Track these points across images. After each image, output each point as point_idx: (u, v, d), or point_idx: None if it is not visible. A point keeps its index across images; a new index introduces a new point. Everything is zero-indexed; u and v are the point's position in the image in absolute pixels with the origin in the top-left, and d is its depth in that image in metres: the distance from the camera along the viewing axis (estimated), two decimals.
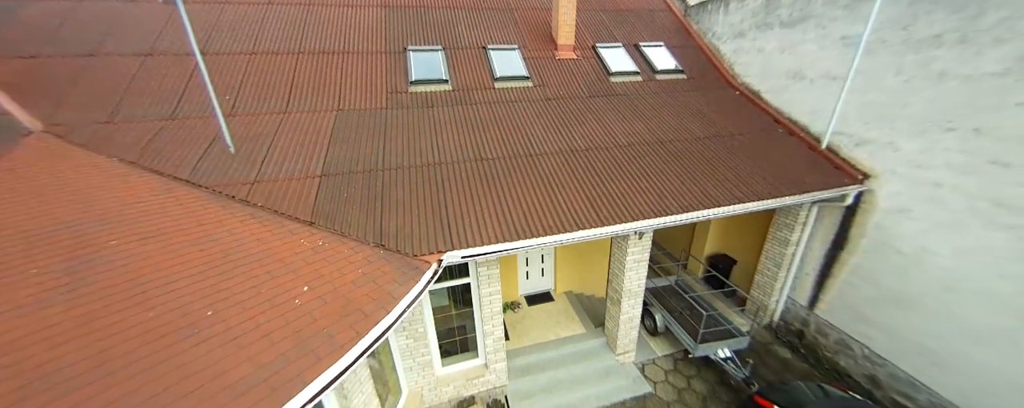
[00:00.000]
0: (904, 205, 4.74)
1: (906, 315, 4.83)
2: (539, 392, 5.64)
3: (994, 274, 3.97)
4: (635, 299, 5.57)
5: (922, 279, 4.62)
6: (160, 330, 2.36)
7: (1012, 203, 3.75)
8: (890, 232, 4.91)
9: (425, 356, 4.85)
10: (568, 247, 7.32)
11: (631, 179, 5.00)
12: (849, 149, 5.34)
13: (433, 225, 4.13)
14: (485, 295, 4.75)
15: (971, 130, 4.02)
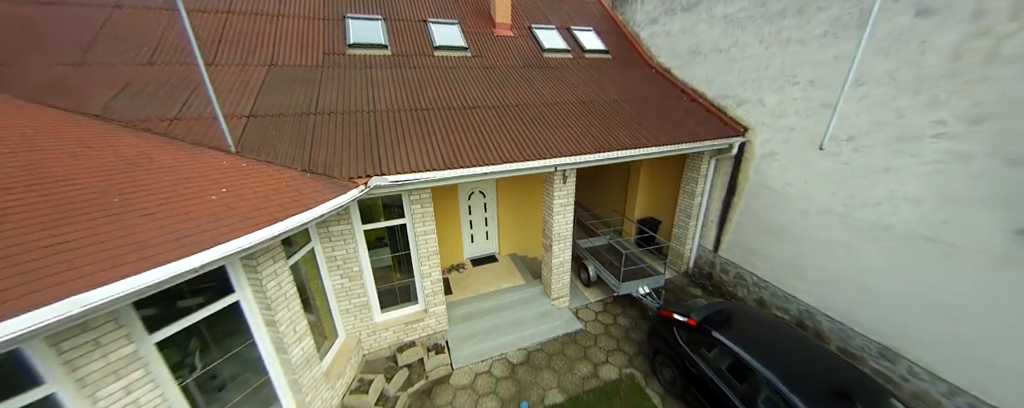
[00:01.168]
0: (772, 150, 5.79)
1: (779, 242, 5.85)
2: (479, 335, 5.93)
3: (828, 195, 5.03)
4: (565, 243, 6.11)
5: (786, 209, 5.66)
6: (67, 207, 2.34)
7: (835, 135, 4.83)
8: (764, 174, 5.94)
9: (361, 297, 4.95)
10: (511, 209, 7.77)
11: (554, 129, 5.57)
12: (733, 109, 6.39)
13: (363, 156, 4.35)
14: (420, 234, 4.99)
15: (808, 82, 5.11)
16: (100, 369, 2.30)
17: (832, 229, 5.05)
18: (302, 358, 3.76)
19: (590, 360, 5.53)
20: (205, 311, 2.98)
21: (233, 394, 3.35)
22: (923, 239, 4.08)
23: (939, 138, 3.85)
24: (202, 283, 3.01)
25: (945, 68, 3.74)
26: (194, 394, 3.03)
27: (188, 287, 2.90)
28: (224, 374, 3.30)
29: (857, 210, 4.68)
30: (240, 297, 3.24)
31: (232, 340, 3.30)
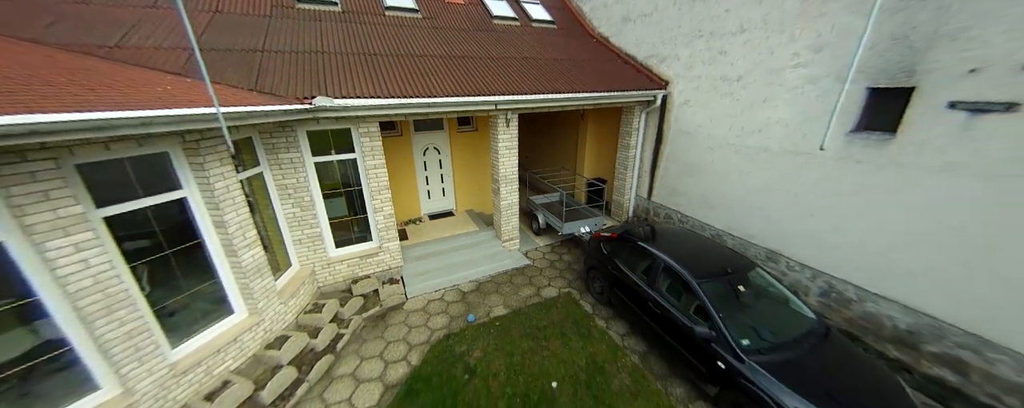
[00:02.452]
0: (687, 98, 6.66)
1: (693, 179, 6.74)
2: (433, 271, 6.33)
3: (726, 130, 5.94)
4: (511, 186, 6.65)
5: (698, 148, 6.54)
6: None
7: (727, 76, 5.73)
8: (681, 120, 6.81)
9: (314, 228, 5.20)
10: (465, 167, 8.23)
11: (496, 76, 6.09)
12: (657, 66, 7.24)
13: (310, 83, 4.64)
14: (370, 168, 5.31)
15: (709, 34, 5.99)
16: (49, 221, 2.50)
17: (729, 159, 5.96)
18: (253, 265, 4.00)
19: (534, 285, 6.10)
20: (151, 200, 3.19)
21: (183, 289, 3.55)
22: (790, 153, 5.01)
23: (796, 67, 4.77)
24: (150, 177, 3.22)
25: (798, 8, 4.66)
26: (144, 281, 3.23)
27: (136, 177, 3.11)
28: (175, 271, 3.49)
29: (746, 138, 5.59)
30: (187, 194, 3.45)
31: (181, 236, 3.50)
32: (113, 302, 2.86)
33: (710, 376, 3.52)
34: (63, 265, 2.60)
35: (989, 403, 3.56)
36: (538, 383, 4.04)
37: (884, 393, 3.07)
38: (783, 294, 4.07)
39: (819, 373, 3.18)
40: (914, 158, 3.80)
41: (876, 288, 4.33)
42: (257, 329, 4.11)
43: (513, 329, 4.99)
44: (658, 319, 4.20)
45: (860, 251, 4.43)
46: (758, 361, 3.23)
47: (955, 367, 3.78)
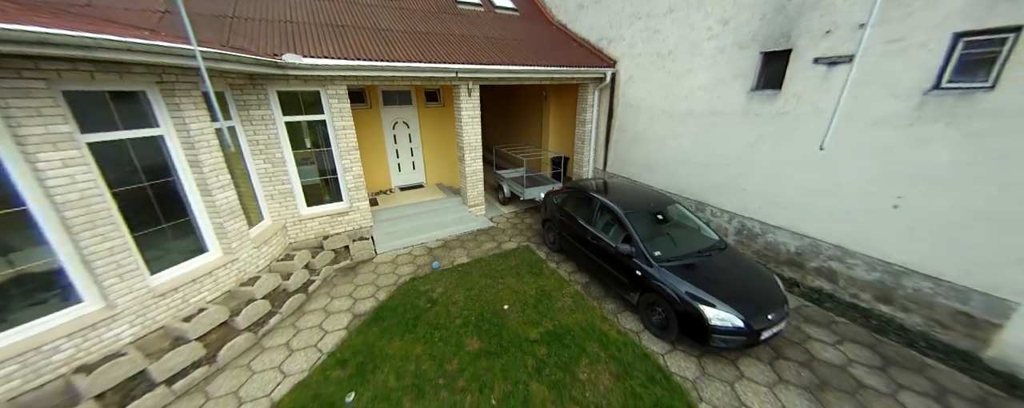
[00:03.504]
0: (631, 75, 7.45)
1: (638, 147, 7.54)
2: (401, 232, 6.77)
3: (661, 99, 6.75)
4: (475, 153, 7.20)
5: (641, 119, 7.34)
6: None
7: (660, 52, 6.54)
8: (628, 95, 7.61)
9: (285, 184, 5.53)
10: (434, 142, 8.70)
11: (458, 50, 6.63)
12: (606, 47, 8.02)
13: (280, 43, 5.03)
14: (339, 129, 5.71)
15: (646, 15, 6.80)
16: (40, 136, 2.82)
17: (665, 125, 6.78)
18: (227, 206, 4.33)
19: (496, 241, 6.67)
20: (130, 133, 3.50)
21: (161, 222, 3.84)
22: (709, 114, 5.85)
23: (711, 39, 5.61)
24: (130, 113, 3.52)
25: None
26: (124, 210, 3.52)
27: (118, 111, 3.42)
28: (154, 205, 3.78)
29: (677, 105, 6.41)
30: (164, 133, 3.77)
31: (158, 173, 3.80)
32: (96, 218, 3.18)
33: (632, 285, 4.21)
34: (52, 177, 2.91)
35: (851, 301, 4.44)
36: (491, 307, 4.59)
37: (759, 282, 3.85)
38: (695, 223, 4.84)
39: (709, 271, 3.92)
40: (794, 107, 4.67)
41: (773, 221, 5.19)
42: (231, 267, 4.44)
43: (474, 272, 5.53)
44: (596, 250, 4.87)
45: (760, 192, 5.29)
46: (664, 265, 3.95)
47: (828, 276, 4.65)
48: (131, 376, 3.29)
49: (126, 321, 3.46)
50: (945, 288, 3.67)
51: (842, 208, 4.39)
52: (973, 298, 3.50)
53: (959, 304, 3.60)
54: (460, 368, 3.59)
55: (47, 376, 3.02)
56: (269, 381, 3.51)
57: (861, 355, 3.69)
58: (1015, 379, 3.29)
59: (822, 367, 3.56)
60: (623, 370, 3.50)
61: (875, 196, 4.07)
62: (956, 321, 3.64)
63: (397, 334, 4.13)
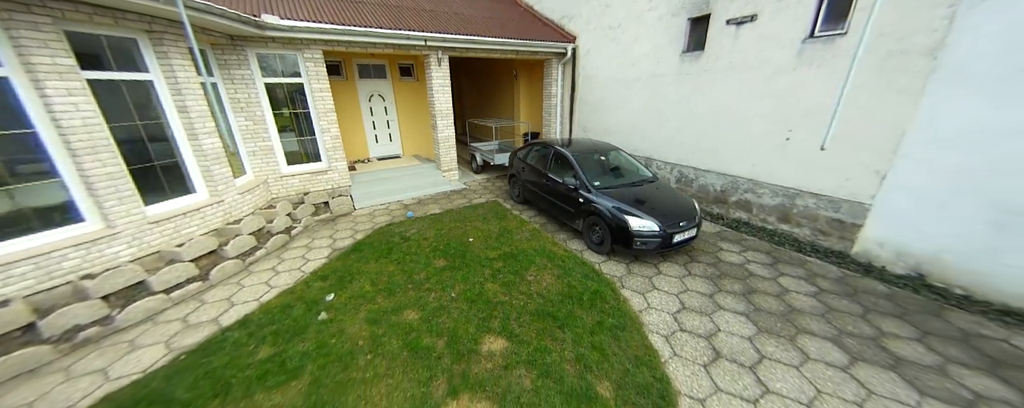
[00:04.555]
0: (589, 48, 8.17)
1: (598, 114, 8.27)
2: (378, 192, 7.28)
3: (614, 68, 7.50)
4: (447, 120, 7.76)
5: (598, 88, 8.08)
6: None
7: (611, 25, 7.27)
8: (587, 67, 8.32)
9: (265, 141, 5.95)
10: (410, 115, 9.19)
11: (427, 22, 7.16)
12: (568, 24, 8.72)
13: (257, 6, 5.45)
14: (316, 91, 6.17)
15: None
16: (48, 65, 3.23)
17: (618, 92, 7.53)
18: (213, 151, 4.76)
19: (467, 198, 7.27)
20: (123, 74, 3.92)
21: (152, 160, 4.25)
22: (652, 77, 6.61)
23: (650, 10, 6.37)
24: (123, 58, 3.92)
25: None
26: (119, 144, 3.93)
27: (113, 56, 3.82)
28: (145, 144, 4.19)
29: (626, 72, 7.16)
30: (153, 78, 4.19)
31: (149, 113, 4.21)
32: (97, 144, 3.59)
33: (577, 212, 4.92)
34: (58, 103, 3.32)
35: (761, 225, 5.27)
36: (458, 240, 5.19)
37: (677, 203, 4.61)
38: (632, 165, 5.59)
39: (637, 195, 4.67)
40: (713, 64, 5.46)
41: (704, 166, 6.00)
42: (218, 208, 4.86)
43: (445, 219, 6.11)
44: (551, 191, 5.55)
45: (693, 143, 6.09)
46: (601, 192, 4.66)
47: (744, 207, 5.48)
48: (132, 284, 3.73)
49: (124, 241, 3.88)
50: (824, 201, 4.51)
51: (752, 148, 5.21)
52: (842, 206, 4.34)
53: (834, 213, 4.44)
54: (427, 277, 4.18)
55: (57, 280, 3.44)
56: (258, 291, 4.01)
57: (758, 258, 4.49)
58: (871, 266, 4.14)
59: (724, 265, 4.34)
60: (564, 273, 4.17)
61: (773, 133, 4.89)
62: (832, 227, 4.48)
63: (372, 259, 4.68)
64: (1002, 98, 3.15)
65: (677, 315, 3.44)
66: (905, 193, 3.83)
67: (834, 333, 3.13)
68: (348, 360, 2.91)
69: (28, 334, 3.13)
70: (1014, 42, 3.04)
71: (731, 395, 2.53)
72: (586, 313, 3.43)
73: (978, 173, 3.34)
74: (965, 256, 3.50)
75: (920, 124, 3.62)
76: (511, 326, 3.26)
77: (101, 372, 2.89)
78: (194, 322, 3.52)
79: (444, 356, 2.92)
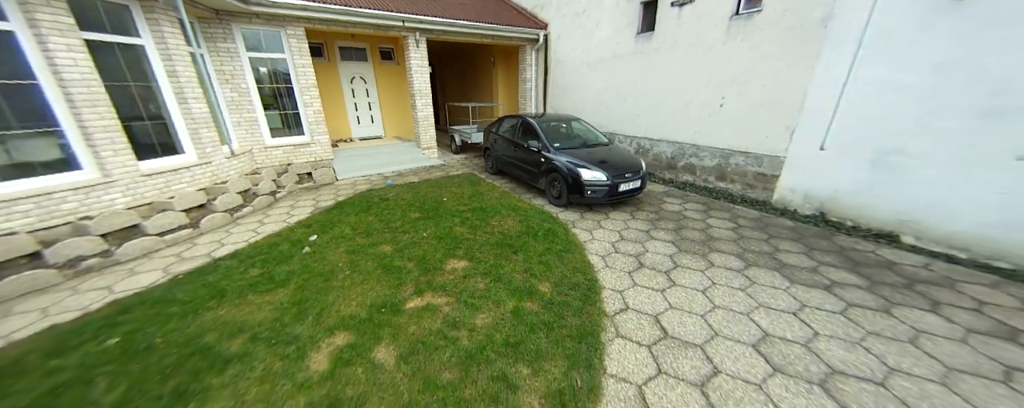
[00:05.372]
0: (559, 34, 8.77)
1: (567, 96, 8.88)
2: (361, 165, 7.68)
3: (581, 52, 8.11)
4: (425, 99, 8.22)
5: (568, 71, 8.69)
6: None
7: (578, 11, 7.89)
8: (558, 52, 8.92)
9: (250, 113, 6.29)
10: (391, 98, 9.59)
11: (406, 6, 7.61)
12: (540, 12, 9.30)
13: None
14: (299, 66, 6.54)
15: None
16: (50, 21, 3.56)
17: (584, 74, 8.15)
18: (202, 115, 5.10)
19: (445, 172, 7.75)
20: (117, 37, 4.25)
21: (144, 118, 4.58)
22: (612, 58, 7.25)
23: None
24: (117, 22, 4.25)
25: None
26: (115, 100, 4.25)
27: (107, 20, 4.14)
28: (138, 103, 4.52)
29: (591, 54, 7.79)
30: (145, 43, 4.52)
31: (141, 75, 4.54)
32: (95, 98, 3.93)
33: (540, 172, 5.50)
34: (59, 57, 3.65)
35: (703, 185, 5.95)
36: (433, 199, 5.67)
37: (625, 160, 5.22)
38: (591, 131, 6.21)
39: (591, 154, 5.26)
40: (661, 43, 6.12)
41: (656, 136, 6.66)
42: (206, 169, 5.20)
43: (422, 186, 6.58)
44: (519, 157, 6.12)
45: (648, 116, 6.75)
46: (560, 151, 5.25)
47: (690, 170, 6.15)
48: (128, 226, 4.07)
49: (119, 190, 4.21)
50: (751, 158, 5.20)
51: (695, 116, 5.89)
52: (764, 161, 5.03)
53: (758, 167, 5.13)
54: (402, 225, 4.65)
55: (58, 220, 3.76)
56: (246, 236, 4.41)
57: (694, 208, 5.14)
58: (786, 210, 4.83)
59: (664, 212, 4.97)
60: (524, 219, 4.72)
61: (710, 102, 5.56)
62: (757, 180, 5.17)
63: (353, 213, 5.12)
64: (871, 59, 3.86)
65: (615, 243, 4.02)
66: (809, 144, 4.53)
67: (739, 250, 3.77)
68: (329, 275, 3.37)
69: (34, 261, 3.46)
70: (880, 12, 3.75)
71: (644, 288, 3.11)
72: (539, 243, 3.98)
73: (859, 122, 4.04)
74: (853, 193, 4.20)
75: (817, 84, 4.31)
76: (473, 253, 3.77)
77: (106, 288, 3.26)
78: (188, 257, 3.90)
79: (413, 271, 3.41)
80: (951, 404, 1.93)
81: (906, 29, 3.61)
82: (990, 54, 3.16)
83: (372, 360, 2.30)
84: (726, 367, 2.22)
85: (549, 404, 1.96)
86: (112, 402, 1.98)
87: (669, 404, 1.97)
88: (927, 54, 3.48)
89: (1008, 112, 3.12)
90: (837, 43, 4.09)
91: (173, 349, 2.40)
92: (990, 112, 3.20)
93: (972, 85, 3.27)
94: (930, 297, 2.90)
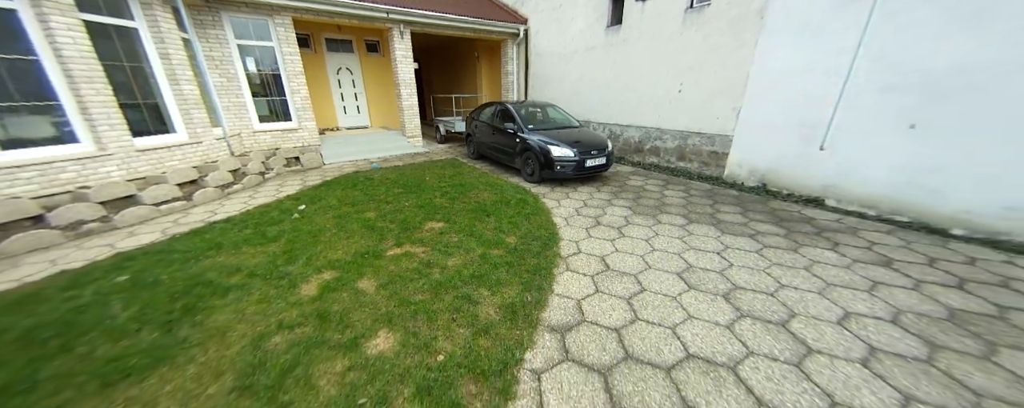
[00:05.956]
0: (538, 29, 9.24)
1: (546, 86, 9.36)
2: (347, 151, 7.99)
3: (558, 45, 8.60)
4: (410, 89, 8.57)
5: (546, 64, 9.16)
6: None
7: (554, 6, 8.38)
8: (537, 46, 9.39)
9: (239, 98, 6.54)
10: (376, 89, 9.90)
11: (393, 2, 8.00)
12: (520, 8, 9.77)
13: None
14: (286, 54, 6.82)
15: None
16: (51, 2, 3.80)
17: (561, 66, 8.64)
18: (193, 97, 5.36)
19: (429, 157, 8.12)
20: (112, 19, 4.50)
21: (137, 98, 4.83)
22: (586, 50, 7.75)
23: None
24: (111, 5, 4.50)
25: None
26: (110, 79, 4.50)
27: (103, 3, 4.39)
28: (131, 83, 4.76)
29: (567, 46, 8.28)
30: (138, 26, 4.77)
31: (135, 56, 4.79)
32: (92, 74, 4.18)
33: (516, 151, 5.94)
34: (59, 35, 3.91)
35: (666, 165, 6.48)
36: (416, 179, 6.05)
37: (593, 140, 5.69)
38: (564, 116, 6.69)
39: (562, 134, 5.72)
40: (628, 35, 6.64)
41: (625, 121, 7.18)
42: (197, 148, 5.46)
43: (406, 169, 6.94)
44: (497, 139, 6.55)
45: (618, 102, 7.27)
46: (534, 132, 5.69)
47: (655, 152, 6.68)
48: (125, 196, 4.33)
49: (115, 163, 4.46)
50: (705, 138, 5.74)
51: (658, 101, 6.42)
52: (717, 140, 5.57)
53: (711, 146, 5.67)
54: (386, 197, 5.01)
55: (58, 188, 4.01)
56: (238, 207, 4.71)
57: (654, 183, 5.66)
58: (734, 183, 5.38)
59: (627, 187, 5.47)
60: (500, 192, 5.14)
61: (671, 88, 6.10)
62: (711, 158, 5.72)
63: (340, 189, 5.46)
64: (798, 46, 4.41)
65: (579, 209, 4.47)
66: (751, 122, 5.07)
67: (685, 212, 4.27)
68: (317, 234, 3.72)
69: (38, 223, 3.71)
70: (803, 3, 4.30)
71: (597, 239, 3.56)
72: (511, 209, 4.40)
73: (791, 101, 4.60)
74: (787, 165, 4.76)
75: (756, 69, 4.86)
76: (450, 217, 4.17)
77: (108, 245, 3.55)
78: (184, 223, 4.19)
79: (394, 230, 3.79)
80: (821, 304, 2.42)
81: (822, 19, 4.17)
82: (886, 38, 3.73)
83: (355, 288, 2.67)
84: (652, 287, 2.68)
85: (503, 312, 2.38)
86: (129, 316, 2.31)
87: (599, 310, 2.41)
88: (838, 40, 4.04)
89: (901, 88, 3.69)
90: (771, 32, 4.64)
91: (178, 282, 2.73)
92: (887, 88, 3.76)
93: (873, 65, 3.83)
94: (833, 240, 3.43)
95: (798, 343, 2.07)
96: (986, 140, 3.26)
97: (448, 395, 1.72)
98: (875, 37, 3.79)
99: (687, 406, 1.67)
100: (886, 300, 2.46)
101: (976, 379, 1.79)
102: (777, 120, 4.75)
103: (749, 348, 2.04)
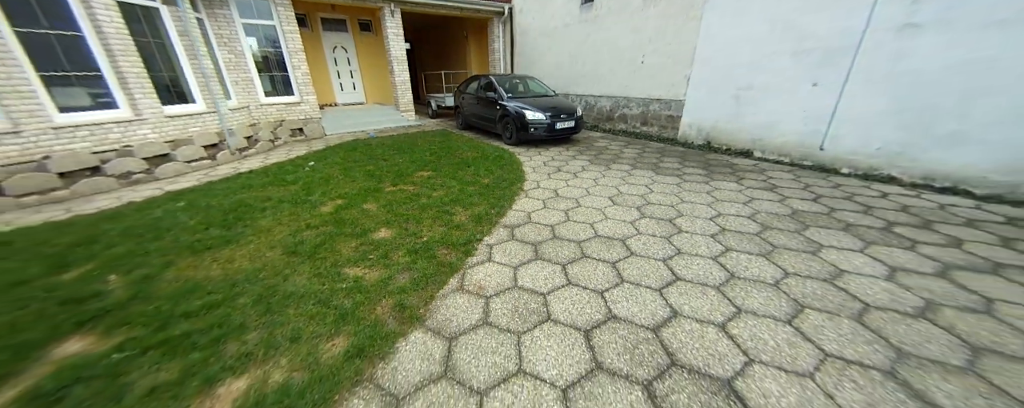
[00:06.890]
0: (521, 8, 9.78)
1: (532, 63, 9.99)
2: (346, 124, 8.70)
3: (539, 22, 9.18)
4: (402, 66, 9.20)
5: (530, 40, 9.76)
6: None
7: None
8: (522, 24, 9.95)
9: (246, 74, 7.20)
10: (371, 67, 10.49)
11: None
12: None
13: None
14: (287, 32, 7.43)
15: None
16: None
17: (543, 43, 9.26)
18: (209, 69, 6.03)
19: (421, 129, 8.85)
20: (139, 0, 5.13)
21: (161, 71, 5.51)
22: (564, 27, 8.39)
23: None
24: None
25: None
26: None
27: None
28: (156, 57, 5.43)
29: (547, 24, 8.88)
30: (158, 6, 5.40)
31: (155, 33, 5.44)
32: (127, 48, 4.87)
33: (497, 118, 6.70)
34: (99, 13, 4.56)
35: (633, 130, 7.26)
36: (409, 145, 6.82)
37: (564, 106, 6.46)
38: (543, 87, 7.42)
39: (537, 102, 6.50)
40: (598, 11, 7.28)
41: (598, 92, 7.90)
42: (214, 116, 6.18)
43: (401, 138, 7.69)
44: (481, 108, 7.28)
45: (591, 74, 7.98)
46: (511, 99, 6.44)
47: (623, 120, 7.44)
48: (162, 154, 5.09)
49: (149, 127, 5.20)
50: (663, 104, 6.50)
51: (624, 72, 7.14)
52: (672, 105, 6.34)
53: (668, 111, 6.44)
54: (383, 156, 5.81)
55: (107, 146, 4.77)
56: (256, 165, 5.49)
57: (617, 144, 6.47)
58: (686, 143, 6.19)
59: (592, 147, 6.29)
60: (481, 151, 5.95)
61: (635, 59, 6.81)
62: (668, 122, 6.50)
63: (342, 152, 6.25)
64: (734, 18, 5.12)
65: (546, 161, 5.30)
66: (698, 87, 5.83)
67: (634, 162, 5.10)
68: (327, 179, 4.54)
69: (97, 173, 4.49)
70: None
71: (555, 180, 4.41)
72: (489, 162, 5.22)
73: (728, 67, 5.34)
74: (725, 123, 5.55)
75: (702, 39, 5.57)
76: (437, 168, 4.99)
77: (157, 188, 4.35)
78: (214, 175, 4.98)
79: (390, 176, 4.62)
80: (704, 211, 3.28)
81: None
82: (797, 10, 4.45)
83: (362, 208, 3.51)
84: (586, 204, 3.53)
85: (472, 219, 3.22)
86: (196, 222, 3.14)
87: (543, 216, 3.27)
88: (763, 12, 4.76)
89: (807, 52, 4.44)
90: (714, 7, 5.33)
91: (225, 205, 3.57)
92: (797, 53, 4.52)
93: (786, 33, 4.57)
94: (741, 177, 4.28)
95: (673, 227, 2.95)
96: (864, 94, 4.05)
97: (428, 253, 2.58)
98: (789, 9, 4.51)
99: (585, 256, 2.54)
100: (752, 207, 3.33)
101: (783, 241, 2.66)
102: (718, 84, 5.51)
103: (639, 230, 2.91)
